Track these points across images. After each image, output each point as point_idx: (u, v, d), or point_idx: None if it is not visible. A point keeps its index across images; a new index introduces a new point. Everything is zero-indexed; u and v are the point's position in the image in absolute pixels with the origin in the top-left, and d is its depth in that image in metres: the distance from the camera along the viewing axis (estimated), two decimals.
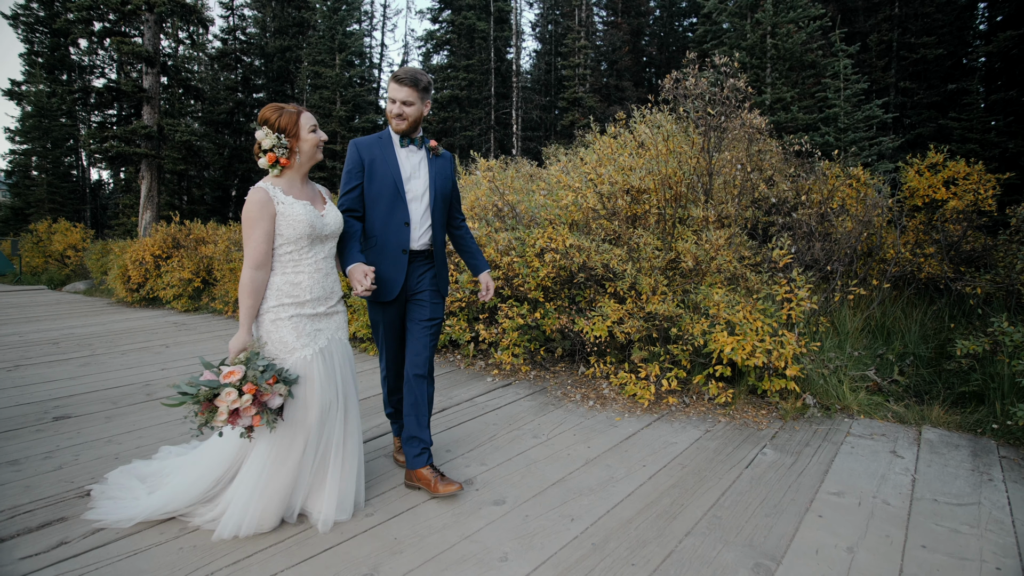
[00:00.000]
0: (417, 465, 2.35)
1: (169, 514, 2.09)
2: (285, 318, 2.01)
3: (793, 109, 9.62)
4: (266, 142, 2.01)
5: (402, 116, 2.32)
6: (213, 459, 2.13)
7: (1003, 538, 2.08)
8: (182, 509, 2.10)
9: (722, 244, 3.50)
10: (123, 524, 2.05)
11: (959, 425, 3.20)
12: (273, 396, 1.85)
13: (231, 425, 1.79)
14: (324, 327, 2.12)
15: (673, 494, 2.38)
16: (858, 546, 2.01)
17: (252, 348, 1.94)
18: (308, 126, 2.07)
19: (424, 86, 2.34)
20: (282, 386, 1.88)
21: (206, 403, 1.77)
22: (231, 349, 1.92)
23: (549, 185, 4.75)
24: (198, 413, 1.78)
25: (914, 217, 6.03)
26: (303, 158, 2.09)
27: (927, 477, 2.58)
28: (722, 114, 4.36)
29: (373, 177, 2.34)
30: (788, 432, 3.13)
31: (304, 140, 2.07)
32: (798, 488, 2.45)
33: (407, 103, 2.31)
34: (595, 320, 3.73)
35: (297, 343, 2.01)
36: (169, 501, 2.09)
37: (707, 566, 1.87)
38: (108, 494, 2.23)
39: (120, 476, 2.35)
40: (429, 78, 2.39)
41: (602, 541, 2.01)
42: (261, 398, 1.81)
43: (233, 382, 1.77)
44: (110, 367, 4.62)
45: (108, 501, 2.18)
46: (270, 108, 2.06)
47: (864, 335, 4.82)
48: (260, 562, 1.86)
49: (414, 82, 2.30)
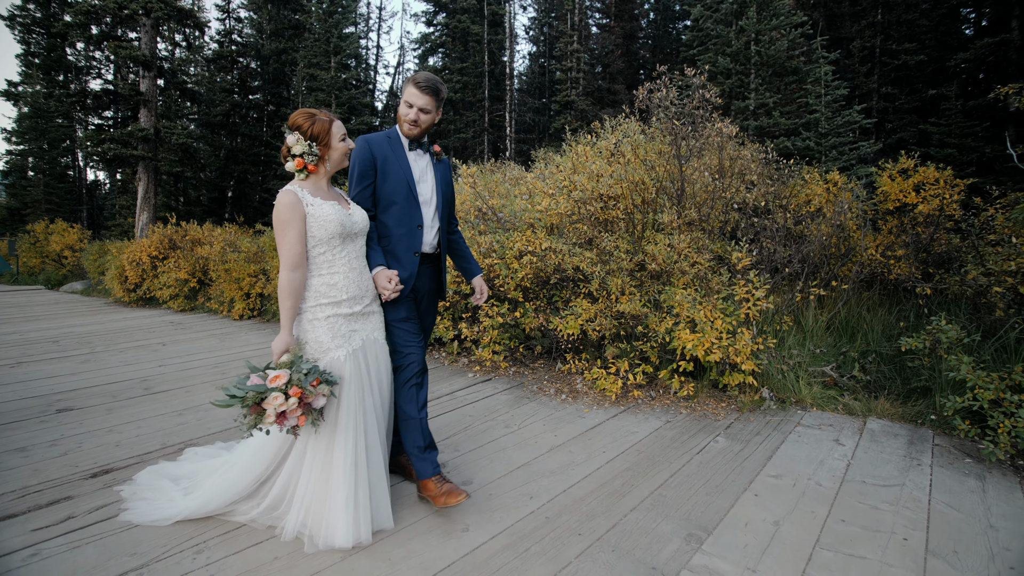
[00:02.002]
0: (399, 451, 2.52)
1: (209, 514, 2.16)
2: (322, 318, 2.04)
3: (775, 114, 9.88)
4: (297, 148, 2.03)
5: (416, 123, 2.30)
6: (251, 458, 2.18)
7: (916, 514, 2.32)
8: (223, 508, 2.17)
9: (684, 247, 3.74)
10: (161, 523, 2.12)
11: (902, 416, 3.44)
12: (317, 397, 1.89)
13: (279, 425, 1.84)
14: (360, 327, 2.13)
15: (626, 476, 2.61)
16: (784, 520, 2.24)
17: (294, 351, 1.98)
18: (339, 135, 2.11)
19: (442, 96, 2.31)
20: (325, 387, 1.93)
21: (255, 407, 1.82)
22: (274, 351, 1.95)
23: (530, 190, 4.98)
24: (247, 415, 1.83)
25: (887, 220, 6.28)
26: (331, 165, 2.13)
27: (861, 462, 2.82)
28: (691, 124, 4.59)
29: (386, 177, 2.31)
30: (742, 423, 3.37)
31: (335, 149, 2.10)
32: (741, 471, 2.69)
33: (424, 110, 2.28)
34: (568, 319, 3.96)
35: (332, 344, 2.04)
36: (209, 501, 2.16)
37: (645, 535, 2.10)
38: (140, 495, 2.31)
39: (149, 476, 2.43)
40: (446, 87, 2.38)
41: (555, 515, 2.25)
42: (306, 400, 1.85)
43: (279, 386, 1.81)
44: (109, 364, 4.83)
45: (141, 502, 2.25)
46: (302, 114, 2.06)
47: (829, 333, 5.07)
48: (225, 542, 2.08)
49: (435, 91, 2.27)
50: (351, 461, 2.00)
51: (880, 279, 5.88)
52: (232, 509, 2.17)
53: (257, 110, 19.47)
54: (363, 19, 24.95)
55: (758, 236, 5.24)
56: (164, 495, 2.28)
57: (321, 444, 2.03)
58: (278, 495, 2.14)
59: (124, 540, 2.03)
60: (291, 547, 2.00)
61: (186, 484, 2.33)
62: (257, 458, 2.17)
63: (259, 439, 2.15)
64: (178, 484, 2.33)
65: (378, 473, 2.10)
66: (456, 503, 2.15)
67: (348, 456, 2.00)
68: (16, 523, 2.15)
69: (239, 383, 1.84)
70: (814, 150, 9.48)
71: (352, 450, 2.01)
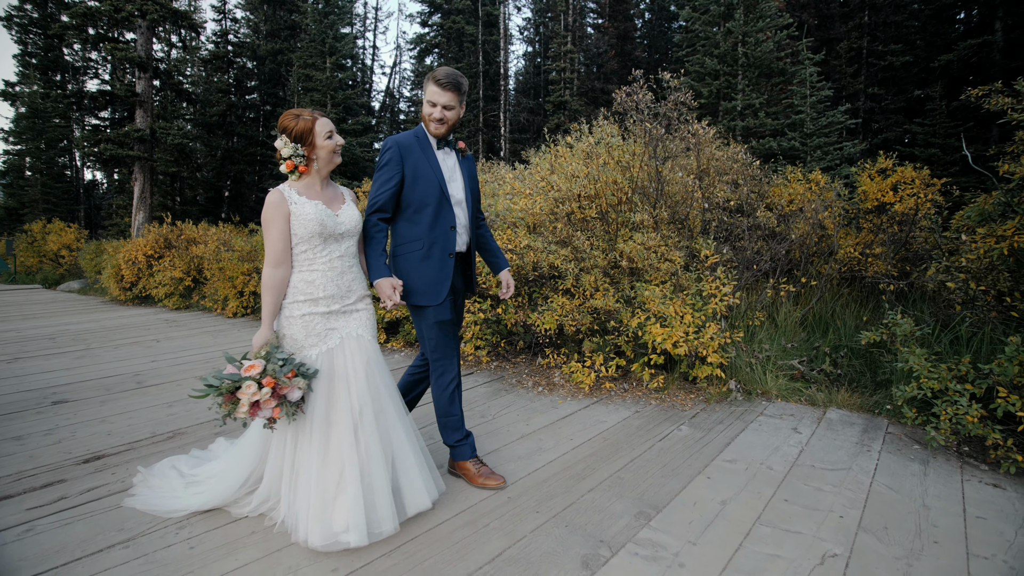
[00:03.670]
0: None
1: (211, 508, 2.23)
2: (297, 316, 2.07)
3: (761, 115, 10.04)
4: (285, 151, 2.08)
5: (443, 121, 2.28)
6: (247, 455, 2.24)
7: (857, 495, 2.47)
8: (223, 503, 2.23)
9: (656, 245, 3.89)
10: (164, 515, 2.19)
11: (860, 406, 3.60)
12: (292, 389, 1.91)
13: (252, 416, 1.86)
14: (340, 325, 2.14)
15: (588, 461, 2.77)
16: (731, 500, 2.40)
17: (272, 343, 2.02)
18: (323, 133, 2.11)
19: (464, 89, 2.29)
20: (301, 380, 1.95)
21: (228, 395, 1.85)
22: (254, 344, 2.00)
23: (513, 190, 5.14)
24: (222, 404, 1.86)
25: (867, 219, 6.45)
26: (321, 163, 2.14)
27: (814, 448, 2.98)
28: (667, 126, 4.74)
29: (417, 180, 2.29)
30: (708, 413, 3.52)
31: (320, 147, 2.11)
32: (698, 456, 2.84)
33: (448, 107, 2.26)
34: (545, 314, 4.12)
35: (306, 341, 2.06)
36: (210, 499, 2.23)
37: (599, 513, 2.26)
38: (148, 482, 2.39)
39: (164, 466, 2.49)
40: (466, 80, 2.34)
41: (516, 495, 2.40)
42: (280, 391, 1.88)
43: (253, 375, 1.85)
44: (104, 359, 4.97)
45: (146, 489, 2.35)
46: (288, 115, 2.09)
47: (803, 329, 5.23)
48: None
49: (457, 87, 2.26)
50: (316, 459, 1.99)
51: (859, 276, 6.05)
52: (234, 501, 2.24)
53: (253, 110, 19.61)
54: (359, 19, 25.08)
55: (731, 234, 5.40)
56: (168, 485, 2.36)
57: (290, 440, 2.07)
58: (266, 489, 2.20)
59: (113, 517, 2.19)
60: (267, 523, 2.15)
61: (189, 479, 2.39)
62: (251, 452, 2.24)
63: (252, 433, 2.23)
64: (183, 478, 2.40)
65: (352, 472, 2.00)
66: (495, 486, 2.41)
67: (314, 452, 2.00)
68: (12, 503, 2.30)
69: (216, 373, 1.88)
70: (799, 150, 9.64)
71: (319, 447, 2.00)
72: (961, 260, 3.60)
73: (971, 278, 3.56)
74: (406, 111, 26.28)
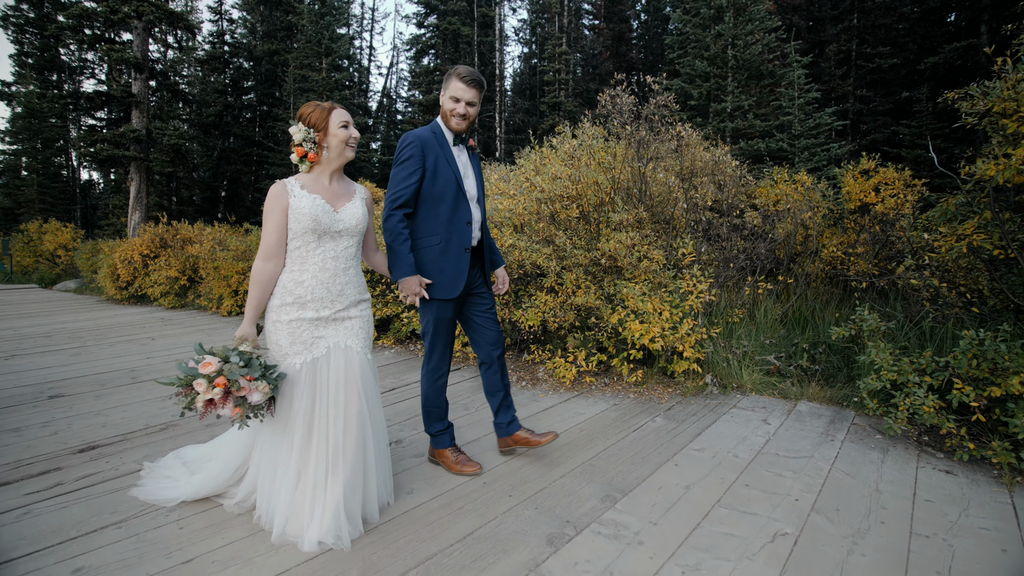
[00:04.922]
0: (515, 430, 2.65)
1: (206, 495, 2.26)
2: (284, 321, 2.01)
3: (750, 116, 10.19)
4: (297, 135, 2.04)
5: (465, 116, 2.33)
6: (237, 445, 2.24)
7: (814, 480, 2.61)
8: (216, 491, 2.26)
9: (636, 243, 4.03)
10: (165, 504, 2.23)
11: (830, 399, 3.74)
12: (251, 392, 1.84)
13: (206, 411, 1.82)
14: (328, 334, 2.06)
15: (564, 450, 2.90)
16: (695, 485, 2.53)
17: (252, 340, 1.98)
18: (339, 122, 2.07)
19: (485, 87, 2.36)
20: (263, 383, 1.86)
21: (187, 388, 1.83)
22: (235, 338, 1.99)
23: (498, 190, 5.26)
24: (178, 395, 1.85)
25: (851, 219, 6.59)
26: (331, 154, 2.09)
27: (781, 438, 3.11)
28: (649, 128, 4.88)
29: (437, 175, 2.32)
30: (683, 405, 3.66)
31: (332, 135, 2.06)
32: (669, 446, 2.98)
33: (472, 104, 2.32)
34: (529, 311, 4.25)
35: (290, 349, 2.01)
36: (203, 485, 2.25)
37: (568, 496, 2.39)
38: (154, 474, 2.43)
39: (171, 459, 2.52)
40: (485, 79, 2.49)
41: (492, 481, 2.53)
42: (236, 392, 1.82)
43: (207, 373, 1.81)
44: (99, 356, 5.08)
45: (151, 481, 2.38)
46: (309, 104, 2.07)
47: (783, 325, 5.37)
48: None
49: (480, 84, 2.32)
50: (293, 467, 1.99)
51: (842, 275, 6.20)
52: (225, 491, 2.28)
53: (249, 111, 19.71)
54: (356, 20, 25.18)
55: (713, 234, 5.54)
56: (173, 473, 2.40)
57: (269, 442, 2.06)
58: (251, 480, 2.20)
59: (107, 501, 2.31)
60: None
61: (193, 466, 2.42)
62: (244, 438, 2.23)
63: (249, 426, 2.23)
64: (187, 466, 2.42)
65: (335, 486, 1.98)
66: (471, 472, 2.50)
67: (292, 460, 1.99)
68: (10, 489, 2.42)
69: (181, 366, 1.86)
70: (787, 151, 9.79)
71: (297, 456, 1.99)
72: (925, 258, 3.73)
73: (935, 275, 3.70)
74: (403, 111, 26.40)
